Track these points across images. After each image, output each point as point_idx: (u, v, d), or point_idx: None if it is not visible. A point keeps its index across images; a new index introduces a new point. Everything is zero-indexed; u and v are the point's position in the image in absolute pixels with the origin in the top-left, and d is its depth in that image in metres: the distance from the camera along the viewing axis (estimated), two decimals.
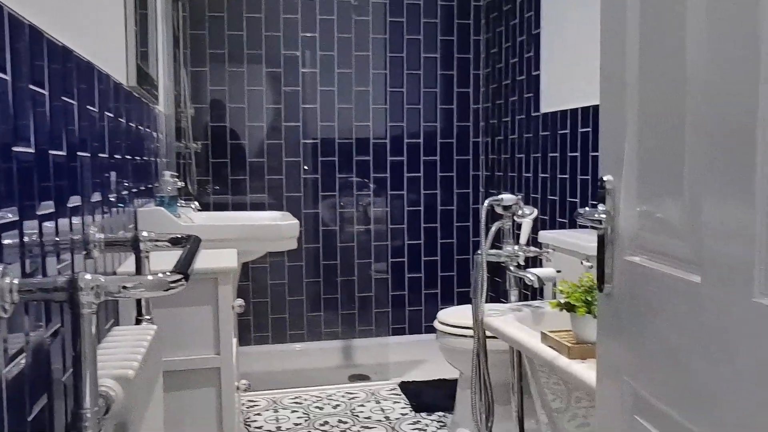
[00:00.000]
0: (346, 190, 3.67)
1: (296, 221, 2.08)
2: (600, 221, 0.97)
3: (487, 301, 1.79)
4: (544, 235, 2.55)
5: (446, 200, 3.78)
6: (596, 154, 2.57)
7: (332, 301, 3.69)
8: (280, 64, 3.54)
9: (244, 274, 3.52)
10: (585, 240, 2.35)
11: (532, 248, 1.82)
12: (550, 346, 1.43)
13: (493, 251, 1.83)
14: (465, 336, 2.32)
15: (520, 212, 1.85)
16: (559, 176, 2.89)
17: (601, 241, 1.00)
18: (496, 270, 3.13)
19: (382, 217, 3.73)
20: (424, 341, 3.68)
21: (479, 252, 1.79)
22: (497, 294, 3.52)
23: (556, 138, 2.91)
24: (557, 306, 1.44)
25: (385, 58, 3.65)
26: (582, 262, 2.32)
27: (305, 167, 3.63)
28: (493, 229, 1.80)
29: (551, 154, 2.96)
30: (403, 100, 3.69)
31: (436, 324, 2.42)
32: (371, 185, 3.69)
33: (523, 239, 1.86)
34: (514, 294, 1.91)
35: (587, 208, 0.99)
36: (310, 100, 3.59)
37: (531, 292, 3.00)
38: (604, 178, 0.98)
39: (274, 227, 2.01)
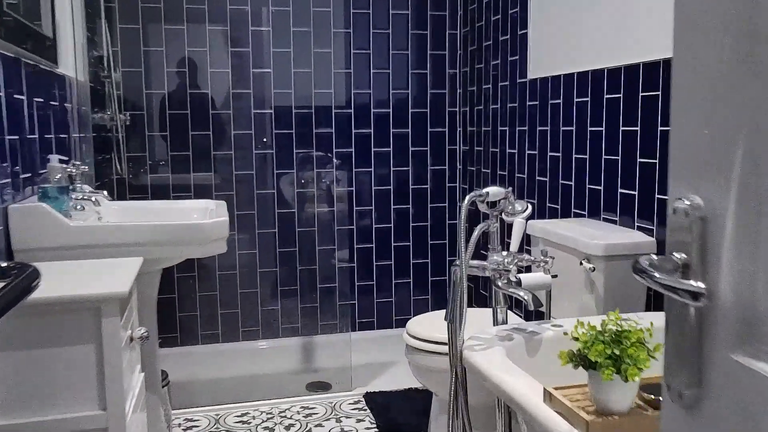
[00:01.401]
0: (305, 167, 3.21)
1: (225, 218, 1.63)
2: (680, 290, 0.53)
3: (469, 305, 1.37)
4: (532, 226, 2.13)
5: (419, 178, 3.34)
6: (597, 128, 2.15)
7: (291, 293, 3.26)
8: (226, 21, 3.04)
9: (188, 263, 3.08)
10: (582, 233, 1.93)
11: (526, 257, 1.40)
12: (557, 412, 1.01)
13: (476, 263, 1.40)
14: (440, 353, 1.91)
15: (510, 209, 1.42)
16: (550, 154, 2.46)
17: (676, 317, 0.56)
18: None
19: (346, 198, 3.28)
20: (394, 338, 3.27)
21: (457, 264, 1.36)
22: (478, 299, 3.11)
23: (546, 109, 2.47)
24: (569, 361, 1.02)
25: (348, 14, 3.17)
26: (581, 263, 1.91)
27: (264, 139, 3.17)
28: (476, 233, 1.37)
29: (541, 128, 2.52)
30: (369, 63, 3.22)
31: (405, 337, 2.01)
32: (334, 161, 3.24)
33: (514, 245, 1.44)
34: (501, 312, 1.48)
35: (654, 258, 0.55)
36: (262, 64, 3.11)
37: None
38: (686, 202, 0.54)
39: (195, 228, 1.56)
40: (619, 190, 2.05)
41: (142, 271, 1.42)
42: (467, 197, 1.33)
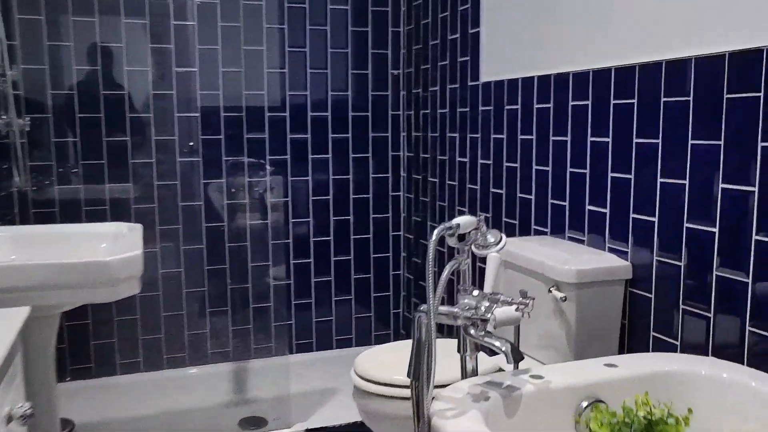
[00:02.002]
0: (235, 175, 2.92)
1: (136, 252, 1.34)
2: None
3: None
4: None
5: (360, 186, 3.09)
6: (560, 138, 1.95)
7: (221, 314, 2.96)
8: (145, 13, 2.72)
9: None
10: (550, 256, 1.73)
11: (502, 296, 1.17)
12: None
13: (445, 310, 1.16)
14: (395, 398, 1.67)
15: (481, 241, 1.19)
16: (506, 164, 2.25)
17: None
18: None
19: (281, 209, 3.00)
20: (335, 360, 3.02)
21: (422, 310, 1.13)
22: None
23: (502, 115, 2.27)
24: None
25: (282, 9, 2.89)
26: (550, 291, 1.71)
27: (191, 143, 2.85)
28: (446, 274, 1.13)
29: (495, 135, 2.32)
30: (305, 62, 2.95)
31: (353, 377, 1.76)
32: (268, 168, 2.96)
33: (488, 285, 1.21)
34: (471, 361, 1.25)
35: None
36: (187, 62, 2.80)
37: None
38: None
39: (98, 268, 1.27)
40: (587, 207, 1.86)
41: (35, 316, 1.13)
42: (435, 232, 1.09)
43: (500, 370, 1.74)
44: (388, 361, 1.78)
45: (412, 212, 3.07)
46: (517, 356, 1.14)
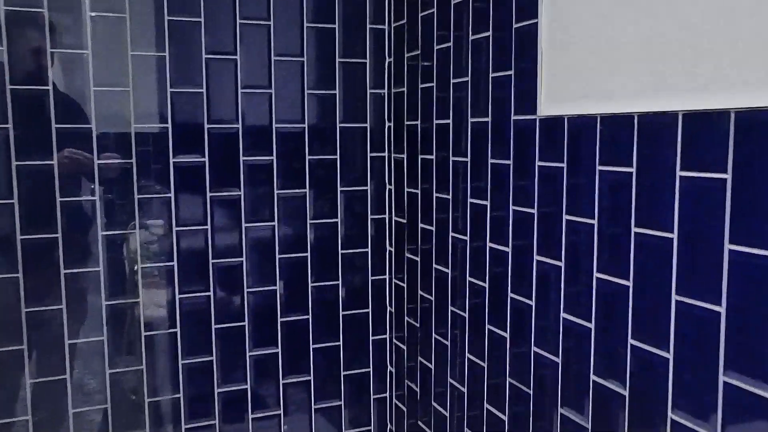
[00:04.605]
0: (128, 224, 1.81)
1: None
2: None
3: None
4: None
5: (331, 261, 2.01)
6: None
7: None
8: None
9: None
10: None
11: None
12: None
13: None
14: None
15: None
16: (597, 275, 1.20)
17: None
18: None
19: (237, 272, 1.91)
20: None
21: None
22: None
23: (583, 173, 1.22)
24: None
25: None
26: None
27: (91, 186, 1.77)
28: None
29: (574, 218, 1.26)
30: (235, 76, 1.87)
31: None
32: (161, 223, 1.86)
33: None
34: None
35: None
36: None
37: None
38: None
39: None
40: None
41: None
42: None
43: None
44: None
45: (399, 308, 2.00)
46: None
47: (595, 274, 1.19)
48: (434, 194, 1.76)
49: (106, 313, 1.80)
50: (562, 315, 1.28)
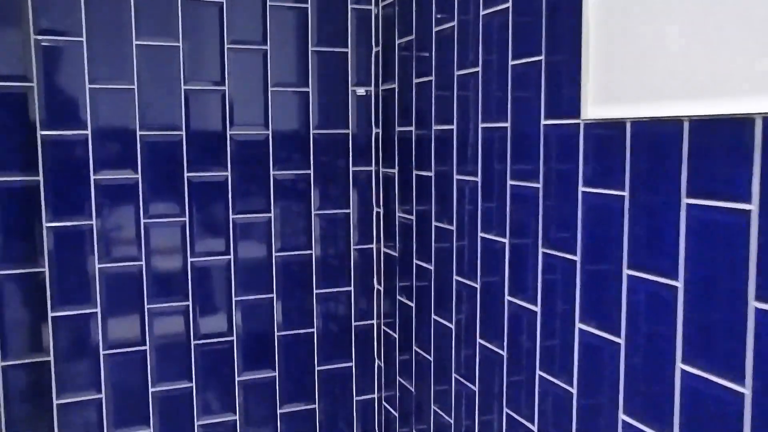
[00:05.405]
0: None
1: None
2: None
3: None
4: None
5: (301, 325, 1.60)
6: None
7: None
8: None
9: None
10: None
11: None
12: None
13: None
14: None
15: None
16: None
17: None
18: None
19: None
20: None
21: None
22: None
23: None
24: None
25: None
26: None
27: None
28: None
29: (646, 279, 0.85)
30: (178, 70, 1.46)
31: None
32: None
33: None
34: None
35: None
36: None
37: None
38: None
39: None
40: None
41: None
42: None
43: None
44: None
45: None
46: None
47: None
48: (433, 222, 1.34)
49: None
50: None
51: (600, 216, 0.88)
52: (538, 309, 1.02)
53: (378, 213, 1.62)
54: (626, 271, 0.84)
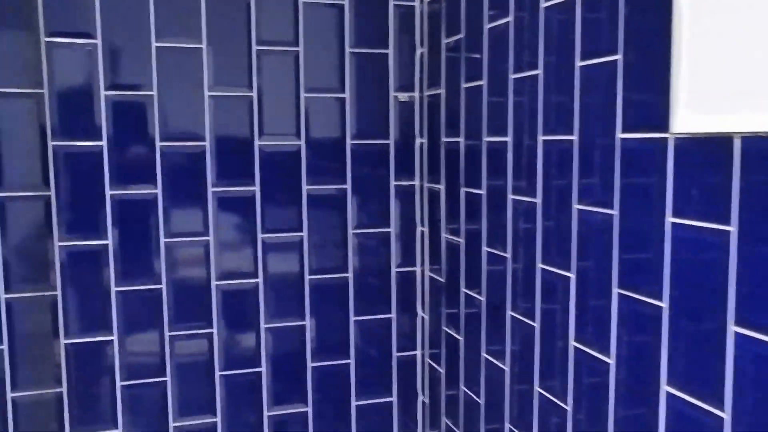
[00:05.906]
0: None
1: None
2: None
3: None
4: None
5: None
6: None
7: None
8: None
9: None
10: None
11: None
12: None
13: None
14: None
15: None
16: None
17: None
18: None
19: None
20: None
21: None
22: None
23: None
24: None
25: None
26: None
27: None
28: None
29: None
30: (201, 78, 1.33)
31: None
32: None
33: None
34: None
35: None
36: None
37: None
38: None
39: None
40: None
41: None
42: None
43: None
44: None
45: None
46: None
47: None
48: (484, 246, 1.17)
49: None
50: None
51: (696, 254, 0.70)
52: (612, 361, 0.84)
53: (422, 232, 1.46)
54: (733, 328, 0.66)
